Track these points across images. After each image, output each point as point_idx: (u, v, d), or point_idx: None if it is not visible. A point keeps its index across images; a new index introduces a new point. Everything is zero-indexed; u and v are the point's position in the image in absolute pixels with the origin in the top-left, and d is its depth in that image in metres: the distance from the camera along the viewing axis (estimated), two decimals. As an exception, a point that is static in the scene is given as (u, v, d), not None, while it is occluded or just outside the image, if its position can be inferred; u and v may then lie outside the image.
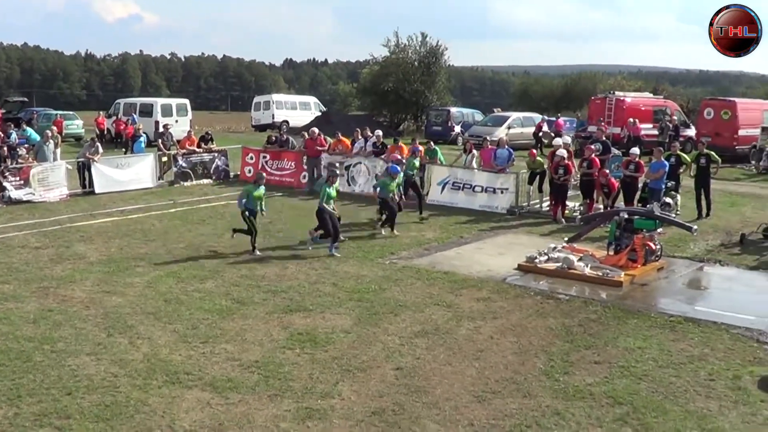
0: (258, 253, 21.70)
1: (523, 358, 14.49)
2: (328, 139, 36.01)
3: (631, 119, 49.54)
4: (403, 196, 25.99)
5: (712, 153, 29.18)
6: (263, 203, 22.22)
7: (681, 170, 29.47)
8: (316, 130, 35.15)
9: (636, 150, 29.57)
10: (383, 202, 24.68)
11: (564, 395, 12.85)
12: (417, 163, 28.77)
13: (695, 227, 22.96)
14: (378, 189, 24.64)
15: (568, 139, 33.16)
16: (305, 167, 35.00)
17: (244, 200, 21.84)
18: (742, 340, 15.87)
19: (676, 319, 17.02)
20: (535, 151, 33.05)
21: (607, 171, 28.37)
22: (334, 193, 22.64)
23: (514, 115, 59.82)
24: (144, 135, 38.81)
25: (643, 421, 11.95)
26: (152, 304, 17.01)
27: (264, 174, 24.34)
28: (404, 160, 27.73)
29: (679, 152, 30.18)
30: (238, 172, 37.15)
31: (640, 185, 28.64)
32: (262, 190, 22.11)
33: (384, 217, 24.80)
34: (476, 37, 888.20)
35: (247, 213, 21.76)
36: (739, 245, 24.76)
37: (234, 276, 19.48)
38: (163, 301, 17.24)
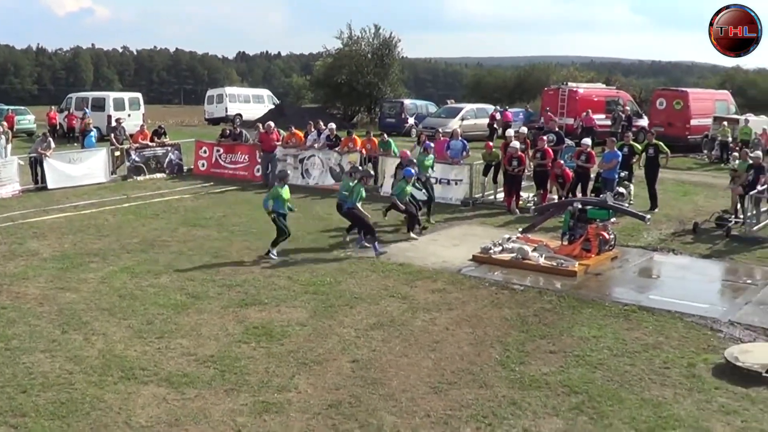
0: (274, 256, 20.98)
1: (479, 349, 14.55)
2: (282, 132, 35.94)
3: (586, 111, 49.98)
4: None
5: (661, 144, 29.31)
6: (290, 203, 21.77)
7: (634, 160, 29.68)
8: (272, 124, 34.88)
9: (587, 140, 29.73)
10: (395, 206, 24.00)
11: (520, 385, 12.92)
12: (430, 162, 27.81)
13: (648, 216, 23.13)
14: (395, 195, 23.98)
15: (524, 129, 33.19)
16: (258, 160, 34.82)
17: (270, 202, 21.16)
18: (696, 328, 16.01)
19: (631, 308, 17.15)
20: (491, 143, 33.16)
21: (562, 161, 28.51)
22: (364, 193, 22.35)
23: (468, 107, 59.92)
24: (94, 129, 38.57)
25: (599, 409, 12.04)
26: (107, 300, 16.92)
27: (288, 172, 24.05)
28: (415, 160, 27.13)
29: (631, 142, 30.40)
30: (192, 166, 36.98)
31: (592, 175, 28.82)
32: (287, 189, 21.60)
33: (406, 218, 24.40)
34: (429, 29, 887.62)
35: (275, 215, 21.15)
36: (692, 234, 24.97)
37: (189, 270, 19.41)
38: (118, 297, 17.16)
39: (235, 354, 13.97)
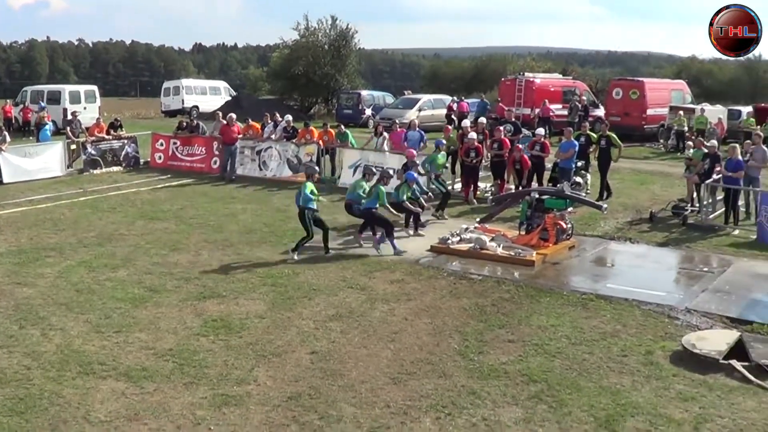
0: (296, 257, 20.31)
1: (438, 339, 14.60)
2: (239, 124, 35.86)
3: (543, 101, 50.25)
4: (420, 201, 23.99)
5: (614, 136, 29.45)
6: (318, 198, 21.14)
7: (590, 150, 29.82)
8: (233, 116, 34.63)
9: (541, 130, 29.90)
10: (397, 206, 22.70)
11: (479, 374, 12.98)
12: (443, 159, 27.00)
13: (605, 206, 23.26)
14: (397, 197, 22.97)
15: (482, 120, 33.25)
16: (215, 153, 34.66)
17: (302, 197, 20.68)
18: (653, 315, 16.14)
19: (588, 296, 17.26)
20: (450, 126, 33.33)
21: (521, 146, 28.55)
22: (383, 193, 21.98)
23: (425, 98, 59.95)
24: (50, 123, 38.32)
25: (558, 397, 12.11)
26: (64, 295, 16.82)
27: (316, 167, 23.69)
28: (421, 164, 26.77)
29: (588, 132, 30.53)
30: (148, 159, 36.79)
31: (549, 165, 28.94)
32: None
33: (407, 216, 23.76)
34: (386, 20, 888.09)
35: (306, 212, 20.63)
36: (649, 223, 25.16)
37: (146, 264, 19.33)
38: (75, 292, 17.06)
39: (194, 347, 13.94)
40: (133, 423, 11.11)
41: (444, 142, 25.05)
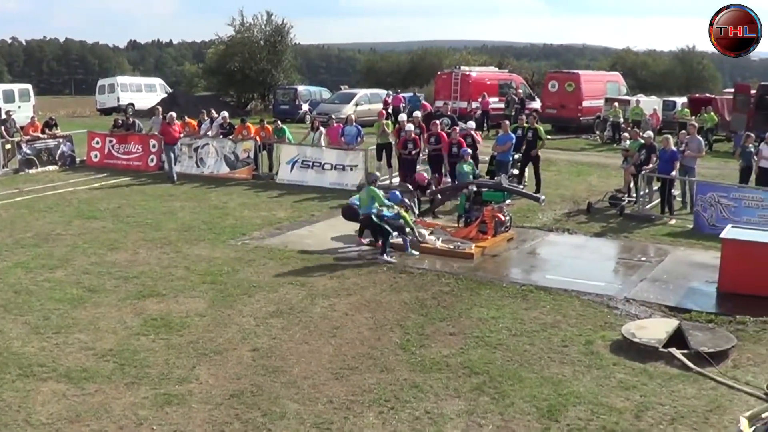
0: (386, 258, 19.90)
1: (379, 333, 14.62)
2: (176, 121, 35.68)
3: (482, 95, 50.51)
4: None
5: (540, 129, 29.58)
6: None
7: (540, 145, 30.00)
8: (174, 115, 34.15)
9: (472, 124, 30.02)
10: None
11: (421, 368, 13.02)
12: (469, 168, 25.44)
13: (543, 197, 23.39)
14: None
15: (418, 114, 33.33)
16: (152, 150, 34.37)
17: (374, 205, 20.30)
18: (592, 306, 16.30)
19: (528, 288, 17.39)
20: (383, 111, 33.54)
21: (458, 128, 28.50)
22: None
23: (361, 92, 60.00)
24: (-18, 123, 37.88)
25: (500, 389, 12.18)
26: (1, 297, 16.60)
27: (377, 173, 23.12)
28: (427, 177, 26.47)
29: (525, 125, 30.66)
30: (85, 158, 36.41)
31: (486, 158, 29.07)
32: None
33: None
34: (322, 15, 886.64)
35: (373, 217, 20.26)
36: (586, 213, 25.37)
37: (84, 264, 19.15)
38: (13, 293, 16.85)
39: (134, 347, 13.84)
40: (74, 425, 11.01)
41: (470, 151, 24.76)
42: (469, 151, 24.41)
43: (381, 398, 11.85)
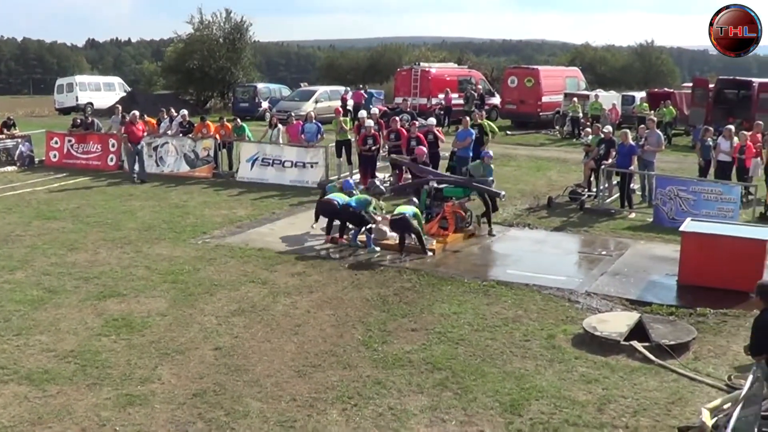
0: (430, 253, 20.24)
1: (341, 330, 14.64)
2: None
3: (445, 91, 50.62)
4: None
5: (486, 124, 29.61)
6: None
7: (489, 138, 30.08)
8: (137, 114, 33.72)
9: (432, 120, 30.10)
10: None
11: (384, 364, 13.04)
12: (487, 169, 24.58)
13: (503, 192, 23.41)
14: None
15: (376, 110, 33.38)
16: (111, 149, 34.15)
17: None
18: (554, 300, 16.38)
19: (489, 283, 17.46)
20: (340, 108, 33.68)
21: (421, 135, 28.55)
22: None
23: (321, 89, 59.92)
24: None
25: (463, 384, 12.23)
26: (-40, 298, 16.53)
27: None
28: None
29: (480, 121, 30.73)
30: (43, 158, 36.14)
31: (446, 154, 29.09)
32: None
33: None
34: (282, 13, 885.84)
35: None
36: (547, 208, 25.47)
37: (44, 265, 19.02)
38: (-28, 295, 16.76)
39: (96, 347, 13.78)
40: (36, 427, 10.96)
41: (491, 153, 24.46)
42: (491, 153, 23.99)
43: (344, 395, 11.87)
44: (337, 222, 21.16)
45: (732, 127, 28.42)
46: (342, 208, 20.78)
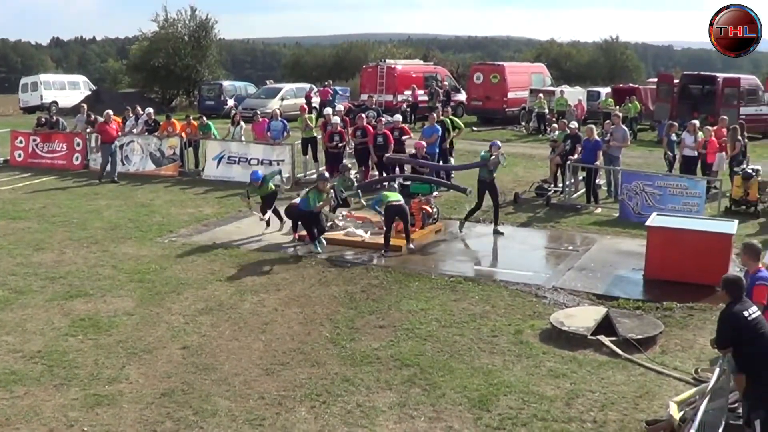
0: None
1: (309, 328, 14.65)
2: (99, 118, 35.40)
3: (412, 87, 50.71)
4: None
5: (450, 120, 29.59)
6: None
7: (454, 134, 30.12)
8: (110, 113, 33.17)
9: (398, 117, 30.15)
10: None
11: (352, 361, 13.06)
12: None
13: (469, 189, 23.42)
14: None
15: (341, 107, 33.41)
16: (77, 148, 33.97)
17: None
18: (521, 295, 16.44)
19: (456, 279, 17.50)
20: (305, 106, 33.72)
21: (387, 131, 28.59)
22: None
23: (287, 87, 59.83)
24: None
25: (431, 380, 12.26)
26: (-75, 300, 16.42)
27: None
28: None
29: (450, 117, 30.78)
30: (8, 157, 35.93)
31: (413, 150, 29.12)
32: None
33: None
34: (247, 10, 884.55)
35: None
36: (513, 204, 25.53)
37: (10, 265, 18.90)
38: (-63, 296, 16.65)
39: (63, 348, 13.72)
40: (4, 428, 10.90)
41: (499, 144, 24.18)
42: (498, 143, 23.79)
43: (312, 393, 11.87)
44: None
45: (696, 122, 28.62)
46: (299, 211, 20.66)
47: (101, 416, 11.20)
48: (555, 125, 31.66)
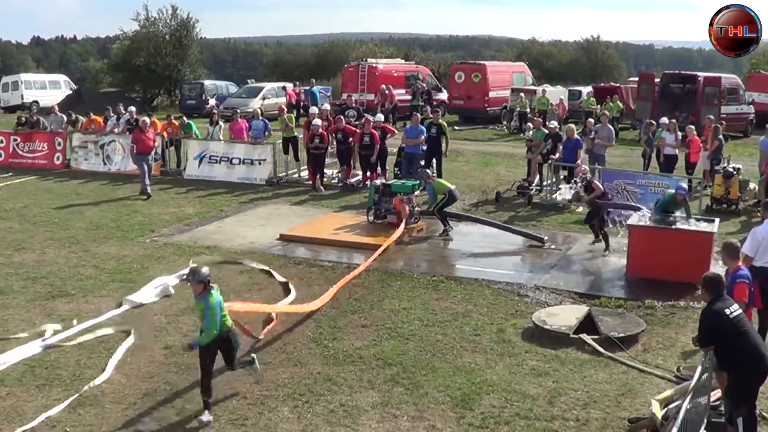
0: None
1: (292, 328, 14.61)
2: (81, 118, 35.33)
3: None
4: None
5: (443, 124, 29.61)
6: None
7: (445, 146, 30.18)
8: (147, 120, 30.19)
9: (380, 116, 30.14)
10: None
11: (334, 361, 13.07)
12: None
13: (546, 237, 23.50)
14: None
15: (327, 106, 33.40)
16: (58, 148, 33.92)
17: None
18: (503, 294, 16.48)
19: (439, 278, 17.52)
20: (284, 106, 33.77)
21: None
22: None
23: (269, 86, 59.71)
24: None
25: (414, 379, 12.28)
26: None
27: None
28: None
29: (430, 118, 30.77)
30: (-12, 158, 35.88)
31: (395, 150, 29.14)
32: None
33: None
34: (228, 9, 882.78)
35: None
36: (495, 203, 25.57)
37: (-9, 265, 18.89)
38: None
39: (45, 348, 13.70)
40: (-15, 429, 10.89)
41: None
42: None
43: (295, 392, 11.89)
44: None
45: (674, 120, 28.73)
46: None
47: (84, 417, 11.19)
48: (530, 124, 31.74)
